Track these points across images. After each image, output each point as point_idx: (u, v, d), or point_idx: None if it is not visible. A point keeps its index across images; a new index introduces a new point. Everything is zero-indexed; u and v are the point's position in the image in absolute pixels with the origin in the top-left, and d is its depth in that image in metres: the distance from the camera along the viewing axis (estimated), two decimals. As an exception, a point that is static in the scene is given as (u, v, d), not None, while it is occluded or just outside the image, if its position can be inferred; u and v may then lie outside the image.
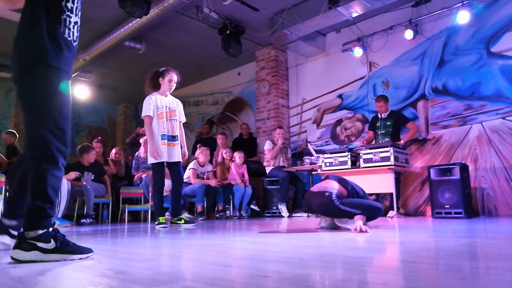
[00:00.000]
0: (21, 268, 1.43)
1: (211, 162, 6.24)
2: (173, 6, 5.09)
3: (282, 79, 7.10)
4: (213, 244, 2.21)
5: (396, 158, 4.72)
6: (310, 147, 5.95)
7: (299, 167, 6.01)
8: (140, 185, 5.84)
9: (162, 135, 3.95)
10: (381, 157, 4.74)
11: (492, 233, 2.63)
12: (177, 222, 4.05)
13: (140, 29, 5.75)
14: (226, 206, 5.87)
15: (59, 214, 4.54)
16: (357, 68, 6.24)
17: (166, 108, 4.03)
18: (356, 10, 5.20)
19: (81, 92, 8.42)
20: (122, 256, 1.84)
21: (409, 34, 5.44)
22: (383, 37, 5.89)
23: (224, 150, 6.30)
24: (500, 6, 4.89)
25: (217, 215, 5.76)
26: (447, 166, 4.43)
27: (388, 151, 4.69)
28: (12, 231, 1.98)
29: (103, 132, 10.24)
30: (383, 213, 5.18)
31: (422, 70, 5.53)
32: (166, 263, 1.59)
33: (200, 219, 5.30)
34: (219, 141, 6.71)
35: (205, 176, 5.84)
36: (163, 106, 4.01)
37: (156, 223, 3.91)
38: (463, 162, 4.52)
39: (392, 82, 5.83)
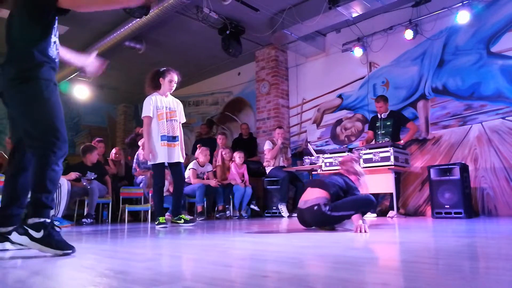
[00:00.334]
0: (21, 268, 1.43)
1: (211, 162, 6.25)
2: (173, 6, 5.09)
3: (282, 79, 7.10)
4: (213, 244, 2.21)
5: (396, 158, 4.72)
6: (310, 147, 5.95)
7: (299, 167, 6.00)
8: (140, 185, 5.85)
9: (162, 136, 3.93)
10: (381, 157, 4.74)
11: (492, 233, 2.63)
12: (177, 222, 4.06)
13: (140, 29, 5.75)
14: (226, 206, 5.87)
15: (59, 214, 4.54)
16: (357, 68, 6.24)
17: (166, 109, 4.01)
18: (356, 10, 5.20)
19: (81, 92, 8.42)
20: (122, 256, 1.84)
21: (409, 34, 5.44)
22: (383, 37, 5.89)
23: (224, 151, 6.29)
24: (500, 6, 4.89)
25: (217, 215, 5.76)
26: (447, 166, 4.43)
27: (388, 151, 4.69)
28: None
29: (103, 132, 10.24)
30: (384, 213, 5.21)
31: (422, 70, 5.53)
32: (166, 263, 1.59)
33: (200, 219, 5.30)
34: (219, 141, 6.71)
35: (205, 176, 5.84)
36: (163, 107, 4.00)
37: (156, 223, 3.92)
38: (463, 162, 4.52)
39: (392, 82, 5.83)
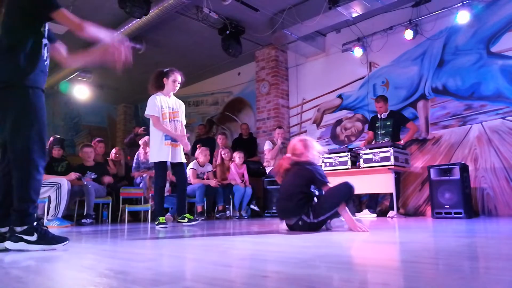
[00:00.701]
0: (21, 268, 1.43)
1: (211, 162, 6.25)
2: (173, 6, 5.09)
3: (282, 79, 7.10)
4: (213, 244, 2.21)
5: (396, 158, 4.72)
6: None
7: (299, 167, 5.99)
8: (140, 185, 5.84)
9: (166, 135, 3.96)
10: (381, 157, 4.74)
11: (492, 233, 2.63)
12: (181, 221, 4.08)
13: (140, 29, 5.75)
14: (226, 206, 5.87)
15: (59, 214, 4.54)
16: (357, 68, 6.24)
17: (170, 109, 4.04)
18: (356, 10, 5.20)
19: (81, 92, 8.43)
20: (122, 256, 1.84)
21: (409, 34, 5.44)
22: (383, 37, 5.89)
23: (223, 151, 6.29)
24: (500, 6, 4.89)
25: (217, 215, 5.76)
26: (447, 166, 4.43)
27: (388, 151, 4.69)
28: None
29: (103, 132, 10.24)
30: (384, 213, 5.21)
31: (422, 70, 5.53)
32: (166, 263, 1.59)
33: (200, 219, 5.30)
34: (219, 141, 6.71)
35: (205, 176, 5.84)
36: (167, 107, 4.02)
37: (156, 223, 3.92)
38: (463, 162, 4.52)
39: (392, 82, 5.83)
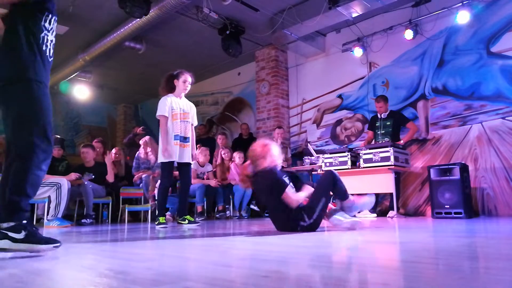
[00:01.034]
0: (21, 269, 1.43)
1: (211, 162, 6.24)
2: (173, 6, 5.09)
3: (282, 79, 7.10)
4: (213, 244, 2.21)
5: (396, 158, 4.72)
6: (310, 147, 5.95)
7: (299, 167, 6.00)
8: (140, 185, 5.84)
9: (175, 136, 4.02)
10: (381, 157, 4.74)
11: (492, 233, 2.63)
12: (182, 222, 4.07)
13: (140, 29, 5.75)
14: (226, 206, 5.87)
15: (59, 214, 4.54)
16: (357, 68, 6.24)
17: (180, 110, 4.12)
18: (356, 10, 5.20)
19: (81, 92, 8.43)
20: (122, 256, 1.84)
21: (409, 34, 5.44)
22: (383, 37, 5.89)
23: (223, 151, 6.29)
24: (500, 6, 4.89)
25: (217, 215, 5.76)
26: (447, 166, 4.43)
27: (388, 151, 4.69)
28: None
29: (103, 132, 10.24)
30: (384, 213, 5.21)
31: (422, 70, 5.53)
32: (166, 263, 1.58)
33: (200, 219, 5.30)
34: (219, 141, 6.71)
35: (205, 176, 5.84)
36: (178, 108, 4.10)
37: (156, 223, 3.92)
38: (463, 162, 4.52)
39: (392, 82, 5.83)
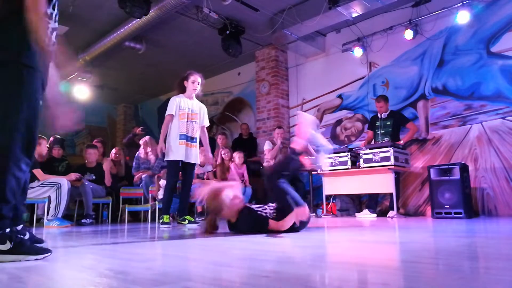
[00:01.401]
0: (21, 269, 1.42)
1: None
2: (173, 6, 5.09)
3: (282, 79, 7.10)
4: (213, 244, 2.21)
5: (396, 158, 4.72)
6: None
7: (299, 167, 5.99)
8: (140, 185, 5.84)
9: (181, 135, 4.04)
10: (381, 157, 4.74)
11: (492, 233, 2.63)
12: (182, 223, 4.09)
13: (140, 29, 5.75)
14: (226, 206, 5.86)
15: (59, 214, 4.54)
16: (357, 68, 6.24)
17: (189, 110, 4.14)
18: (356, 10, 5.20)
19: (81, 92, 8.42)
20: (122, 256, 1.84)
21: (409, 34, 5.44)
22: (383, 37, 5.89)
23: (223, 151, 6.29)
24: (500, 6, 4.89)
25: (217, 215, 5.75)
26: (447, 166, 4.43)
27: (388, 151, 4.69)
28: None
29: (103, 132, 10.25)
30: (384, 213, 5.21)
31: (422, 70, 5.53)
32: (166, 263, 1.58)
33: (200, 219, 5.30)
34: (219, 141, 6.71)
35: (205, 176, 5.84)
36: (186, 108, 4.13)
37: (160, 222, 3.95)
38: (463, 162, 4.52)
39: (392, 82, 5.83)
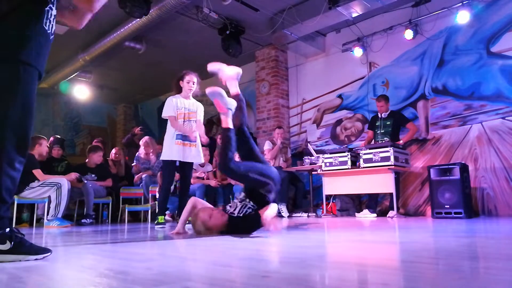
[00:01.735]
0: (21, 269, 1.42)
1: (211, 162, 6.25)
2: (173, 6, 5.09)
3: (282, 79, 7.10)
4: (213, 244, 2.21)
5: (396, 158, 4.72)
6: (310, 147, 5.95)
7: (299, 167, 6.00)
8: (140, 185, 5.84)
9: (178, 135, 4.03)
10: (381, 157, 4.74)
11: (492, 233, 2.63)
12: None
13: (140, 29, 5.75)
14: (226, 206, 5.87)
15: (59, 214, 4.54)
16: (357, 68, 6.24)
17: (185, 110, 4.14)
18: (356, 10, 5.20)
19: (81, 92, 8.43)
20: (122, 256, 1.84)
21: (409, 34, 5.44)
22: (383, 37, 5.89)
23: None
24: (500, 6, 4.89)
25: (217, 215, 5.75)
26: (447, 166, 4.43)
27: (388, 151, 4.69)
28: None
29: (103, 132, 10.24)
30: (384, 213, 5.20)
31: (422, 70, 5.53)
32: (166, 263, 1.58)
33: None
34: (219, 141, 6.71)
35: (205, 176, 5.84)
36: (183, 108, 4.12)
37: (155, 223, 3.94)
38: (463, 162, 4.52)
39: (392, 82, 5.83)
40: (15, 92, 1.55)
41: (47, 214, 4.56)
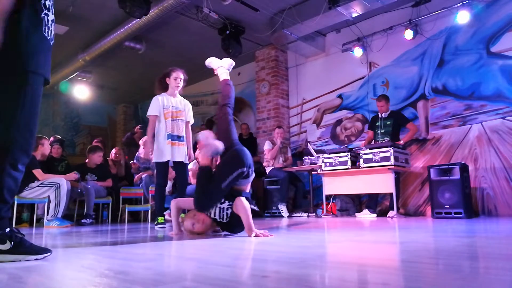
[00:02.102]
0: (21, 268, 1.42)
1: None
2: (173, 6, 5.09)
3: (282, 79, 7.10)
4: (213, 244, 2.21)
5: (396, 158, 4.72)
6: (310, 147, 5.95)
7: (299, 167, 6.00)
8: (140, 185, 5.84)
9: (168, 135, 3.97)
10: (381, 157, 4.74)
11: (492, 233, 2.63)
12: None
13: (140, 29, 5.75)
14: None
15: (59, 214, 4.54)
16: (357, 68, 6.24)
17: (173, 108, 4.05)
18: (356, 10, 5.20)
19: (81, 92, 8.43)
20: (122, 256, 1.84)
21: (409, 34, 5.44)
22: (383, 37, 5.89)
23: (224, 151, 6.29)
24: (500, 6, 4.89)
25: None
26: (447, 166, 4.43)
27: (388, 151, 4.69)
28: None
29: (103, 132, 10.24)
30: (384, 213, 5.20)
31: (422, 70, 5.53)
32: (166, 263, 1.58)
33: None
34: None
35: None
36: (170, 106, 4.03)
37: (155, 223, 3.93)
38: (463, 162, 4.52)
39: (392, 82, 5.83)
40: (24, 99, 1.62)
41: (47, 214, 4.56)
